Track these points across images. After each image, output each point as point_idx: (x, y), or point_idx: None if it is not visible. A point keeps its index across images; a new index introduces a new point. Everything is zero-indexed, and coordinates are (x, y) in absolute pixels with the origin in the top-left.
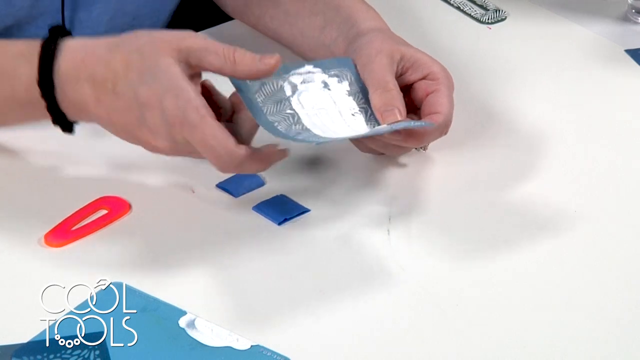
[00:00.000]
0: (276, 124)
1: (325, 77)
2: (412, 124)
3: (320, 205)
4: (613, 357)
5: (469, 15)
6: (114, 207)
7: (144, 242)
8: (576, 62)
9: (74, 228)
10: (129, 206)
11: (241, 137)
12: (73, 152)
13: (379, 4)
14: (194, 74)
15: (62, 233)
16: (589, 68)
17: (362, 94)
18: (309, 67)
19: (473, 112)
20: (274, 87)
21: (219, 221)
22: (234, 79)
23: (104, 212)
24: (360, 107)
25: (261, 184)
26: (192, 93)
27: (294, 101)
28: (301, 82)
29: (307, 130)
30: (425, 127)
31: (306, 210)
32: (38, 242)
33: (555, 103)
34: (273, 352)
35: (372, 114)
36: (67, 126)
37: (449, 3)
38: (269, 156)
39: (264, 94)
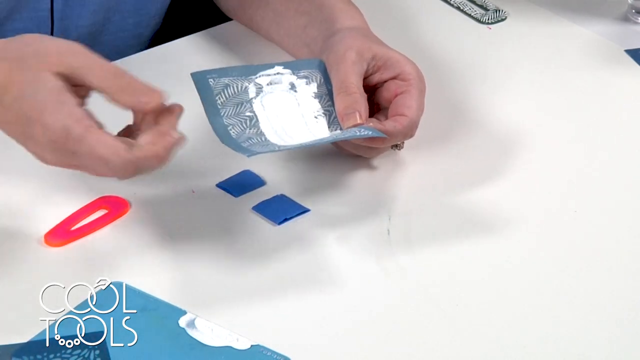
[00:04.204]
0: (230, 127)
1: (293, 78)
2: (359, 133)
3: (320, 205)
4: (613, 357)
5: (469, 15)
6: (113, 207)
7: (144, 242)
8: (576, 62)
9: (73, 228)
10: (129, 206)
11: None
12: None
13: (379, 4)
14: (79, 87)
15: (62, 233)
16: (589, 68)
17: (330, 96)
18: (278, 68)
19: (473, 112)
20: (238, 88)
21: (219, 221)
22: (197, 78)
23: (103, 211)
24: (324, 110)
25: (261, 184)
26: (73, 106)
27: (255, 103)
28: (267, 84)
29: (260, 134)
30: (385, 129)
31: (306, 210)
32: (38, 242)
33: (555, 103)
34: (273, 352)
35: (336, 116)
36: None
37: (449, 3)
38: (166, 148)
39: (225, 96)
